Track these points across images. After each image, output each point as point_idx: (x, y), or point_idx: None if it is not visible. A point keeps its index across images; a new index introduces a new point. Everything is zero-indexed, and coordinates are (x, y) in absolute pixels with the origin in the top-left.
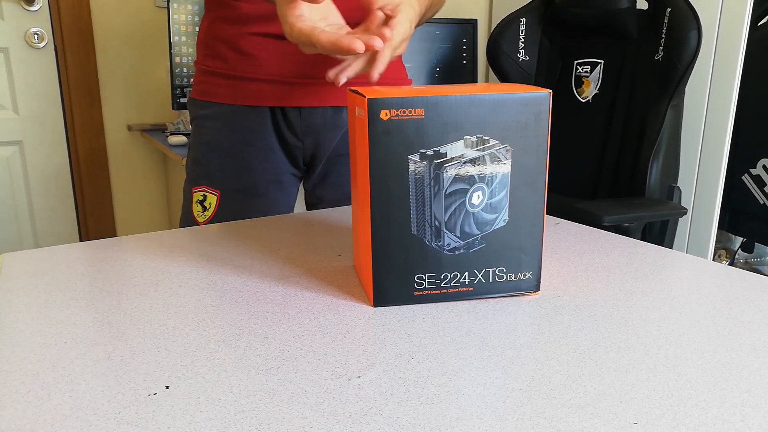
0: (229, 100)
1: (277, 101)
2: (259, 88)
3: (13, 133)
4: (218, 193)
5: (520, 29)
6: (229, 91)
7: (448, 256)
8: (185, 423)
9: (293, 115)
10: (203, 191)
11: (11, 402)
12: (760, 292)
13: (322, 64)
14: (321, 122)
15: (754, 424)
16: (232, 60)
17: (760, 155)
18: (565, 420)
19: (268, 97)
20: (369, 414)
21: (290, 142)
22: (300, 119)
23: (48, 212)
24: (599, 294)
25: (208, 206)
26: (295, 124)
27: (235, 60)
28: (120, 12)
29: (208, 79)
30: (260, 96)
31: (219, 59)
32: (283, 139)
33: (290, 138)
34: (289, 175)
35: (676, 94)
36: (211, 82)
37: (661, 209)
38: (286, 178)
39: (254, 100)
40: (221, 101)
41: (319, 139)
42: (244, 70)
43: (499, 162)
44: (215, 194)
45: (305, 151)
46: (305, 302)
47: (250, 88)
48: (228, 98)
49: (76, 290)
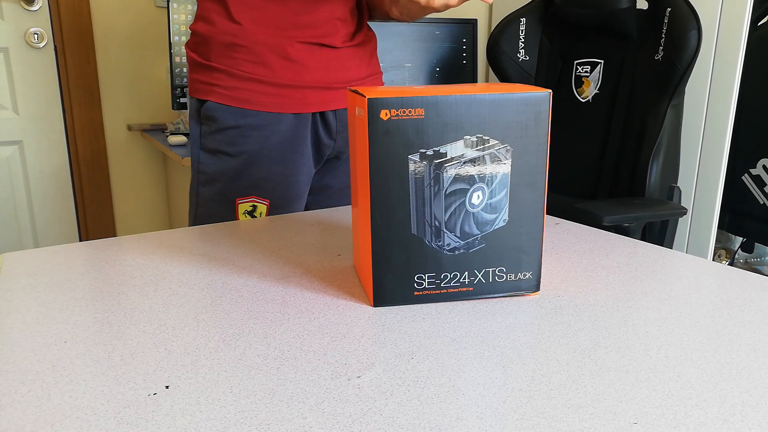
0: (277, 109)
1: (320, 107)
2: (304, 95)
3: (13, 133)
4: (268, 203)
5: (520, 29)
6: (277, 99)
7: (448, 256)
8: (185, 423)
9: (330, 117)
10: (252, 201)
11: (11, 402)
12: (760, 292)
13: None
14: None
15: (754, 424)
16: (277, 67)
17: (760, 155)
18: (565, 420)
19: (313, 103)
20: (369, 414)
21: (324, 142)
22: (335, 121)
23: (48, 212)
24: (599, 294)
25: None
26: (332, 125)
27: (280, 67)
28: (120, 12)
29: (249, 87)
30: (306, 103)
31: (263, 66)
32: (317, 140)
33: (325, 139)
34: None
35: (676, 94)
36: (255, 90)
37: (661, 209)
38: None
39: (301, 107)
40: (267, 110)
41: (347, 135)
42: (290, 78)
43: (499, 162)
44: (265, 204)
45: (335, 149)
46: (305, 302)
47: (296, 96)
48: (276, 107)
49: (76, 290)
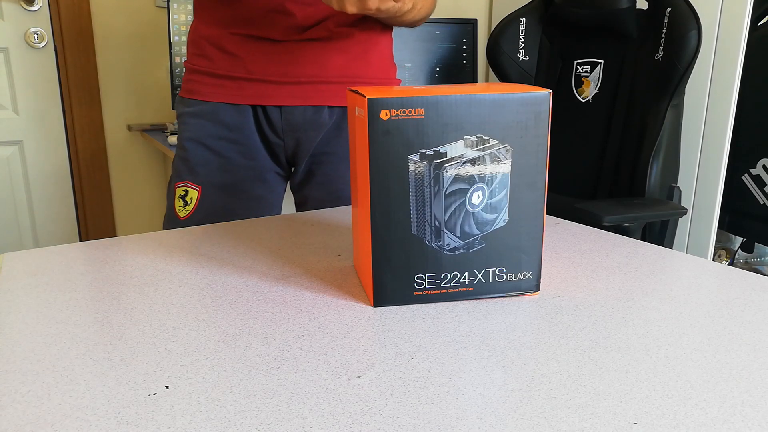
0: (213, 98)
1: (258, 99)
2: (240, 86)
3: (13, 133)
4: (199, 189)
5: (520, 29)
6: (213, 89)
7: (448, 256)
8: (185, 423)
9: (274, 114)
10: (185, 186)
11: (11, 402)
12: (760, 292)
13: (303, 64)
14: (301, 121)
15: (754, 424)
16: (216, 59)
17: (760, 155)
18: (565, 420)
19: (250, 95)
20: (369, 414)
21: (272, 140)
22: (281, 118)
23: (48, 212)
24: (599, 294)
25: (189, 201)
26: (276, 122)
27: (219, 59)
28: (120, 12)
29: (194, 78)
30: (242, 94)
31: (204, 58)
32: (265, 138)
33: (271, 136)
34: (274, 174)
35: (676, 94)
36: (197, 80)
37: (661, 209)
38: (270, 176)
39: (236, 98)
40: (205, 99)
41: (299, 137)
42: (227, 69)
43: (499, 162)
44: (196, 189)
45: (286, 149)
46: (305, 302)
47: (232, 86)
48: (211, 96)
49: (76, 290)
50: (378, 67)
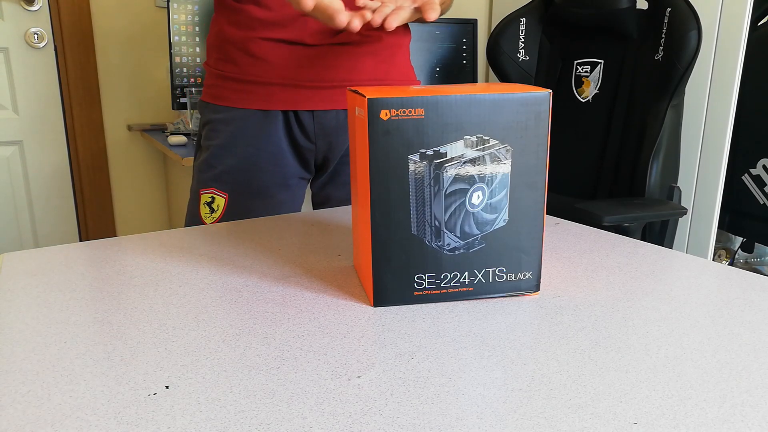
0: (243, 104)
1: (290, 105)
2: (270, 91)
3: (13, 133)
4: (226, 196)
5: (520, 29)
6: (242, 95)
7: (448, 256)
8: (185, 423)
9: (306, 118)
10: (212, 193)
11: (11, 402)
12: (760, 292)
13: (334, 68)
14: (334, 124)
15: (754, 424)
16: (243, 64)
17: (760, 155)
18: (565, 420)
19: (281, 100)
20: (369, 414)
21: (302, 144)
22: (313, 122)
23: (48, 212)
24: (599, 294)
25: (216, 208)
26: (308, 127)
27: (247, 64)
28: (120, 12)
29: (219, 83)
30: (272, 100)
31: (230, 63)
32: (294, 142)
33: (302, 141)
34: (297, 179)
35: (676, 94)
36: (224, 86)
37: (661, 209)
38: (294, 181)
39: (267, 104)
40: (234, 105)
41: (332, 141)
42: (256, 74)
43: (499, 162)
44: (223, 197)
45: (318, 153)
46: (305, 302)
47: (261, 92)
48: (240, 102)
49: (76, 290)
50: (402, 68)
